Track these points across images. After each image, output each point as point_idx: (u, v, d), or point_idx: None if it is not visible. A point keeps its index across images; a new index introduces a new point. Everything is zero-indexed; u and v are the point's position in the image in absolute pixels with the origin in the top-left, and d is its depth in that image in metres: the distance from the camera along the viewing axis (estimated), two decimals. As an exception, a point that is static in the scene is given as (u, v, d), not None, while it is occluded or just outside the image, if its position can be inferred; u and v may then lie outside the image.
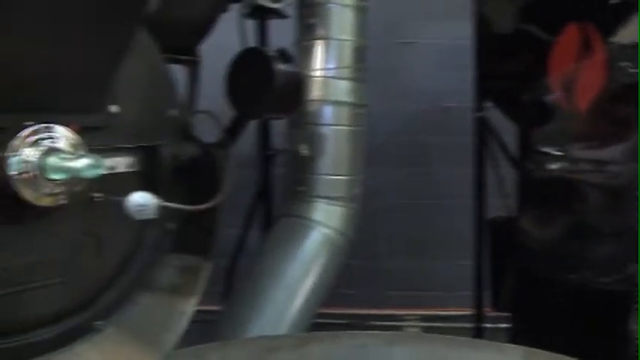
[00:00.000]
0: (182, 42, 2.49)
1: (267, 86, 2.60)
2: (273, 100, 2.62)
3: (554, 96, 3.56)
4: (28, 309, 1.93)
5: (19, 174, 1.68)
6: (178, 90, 2.40)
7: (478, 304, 4.25)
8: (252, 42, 3.53)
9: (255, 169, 4.32)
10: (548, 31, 3.60)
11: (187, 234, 2.39)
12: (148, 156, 2.16)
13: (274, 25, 3.96)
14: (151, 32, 2.17)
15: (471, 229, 4.26)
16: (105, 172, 1.70)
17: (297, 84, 2.76)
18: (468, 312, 4.63)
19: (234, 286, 3.94)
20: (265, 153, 4.27)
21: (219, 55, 2.72)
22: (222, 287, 4.00)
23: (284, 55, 2.72)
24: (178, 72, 2.50)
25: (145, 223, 2.16)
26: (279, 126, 3.97)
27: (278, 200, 4.21)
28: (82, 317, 2.11)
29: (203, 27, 2.57)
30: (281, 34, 3.66)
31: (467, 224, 4.40)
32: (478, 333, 4.25)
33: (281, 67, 2.63)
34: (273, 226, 3.71)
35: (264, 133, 4.29)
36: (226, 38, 2.82)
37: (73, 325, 2.08)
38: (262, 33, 3.93)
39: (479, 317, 4.28)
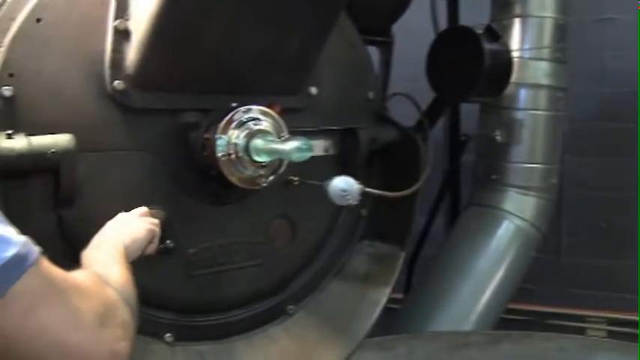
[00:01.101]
0: (377, 23, 2.40)
1: (475, 67, 2.43)
2: (482, 81, 2.45)
3: None
4: (228, 289, 1.97)
5: (226, 155, 1.68)
6: (374, 72, 2.32)
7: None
8: (443, 22, 3.40)
9: (443, 154, 4.17)
10: None
11: (381, 221, 2.32)
12: (346, 139, 2.11)
13: (465, 4, 3.77)
14: (349, 13, 2.10)
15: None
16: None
17: (506, 64, 2.56)
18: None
19: (417, 274, 3.84)
20: (455, 138, 4.08)
21: (408, 35, 2.61)
22: (405, 275, 3.91)
23: (492, 33, 2.53)
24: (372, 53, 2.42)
25: (340, 209, 2.12)
26: (469, 109, 3.80)
27: (466, 188, 4.06)
28: (276, 300, 2.12)
29: (398, 7, 2.46)
30: (472, 13, 3.48)
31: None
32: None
33: (489, 45, 2.45)
34: (462, 215, 3.59)
35: (455, 117, 4.09)
36: (416, 18, 2.70)
37: (266, 308, 2.10)
38: (452, 12, 3.75)
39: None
